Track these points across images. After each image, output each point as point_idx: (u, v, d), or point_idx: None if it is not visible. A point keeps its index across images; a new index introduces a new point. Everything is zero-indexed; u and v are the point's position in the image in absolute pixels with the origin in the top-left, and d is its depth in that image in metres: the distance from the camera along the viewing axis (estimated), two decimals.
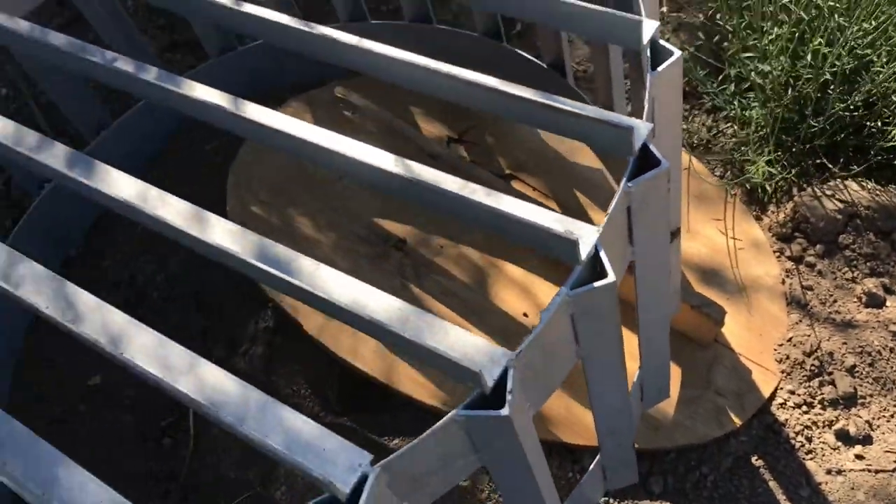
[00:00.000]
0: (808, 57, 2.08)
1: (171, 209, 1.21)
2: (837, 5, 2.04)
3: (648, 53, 1.24)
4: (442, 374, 1.35)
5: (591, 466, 1.57)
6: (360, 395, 1.94)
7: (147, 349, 1.05)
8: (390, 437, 1.85)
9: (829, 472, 1.77)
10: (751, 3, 2.16)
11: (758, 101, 2.20)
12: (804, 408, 1.85)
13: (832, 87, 2.10)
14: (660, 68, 1.20)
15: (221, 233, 1.17)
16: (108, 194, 1.25)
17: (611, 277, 1.01)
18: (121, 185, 1.26)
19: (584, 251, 1.02)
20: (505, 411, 0.96)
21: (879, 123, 2.15)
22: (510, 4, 1.47)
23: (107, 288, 2.25)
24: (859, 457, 1.78)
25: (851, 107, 2.11)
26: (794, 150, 2.17)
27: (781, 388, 1.86)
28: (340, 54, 1.40)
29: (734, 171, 2.24)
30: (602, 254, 1.03)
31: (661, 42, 1.26)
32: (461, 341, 0.99)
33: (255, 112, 1.33)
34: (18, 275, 1.16)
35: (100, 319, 1.10)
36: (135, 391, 2.04)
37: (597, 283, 1.01)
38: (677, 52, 1.23)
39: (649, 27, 1.25)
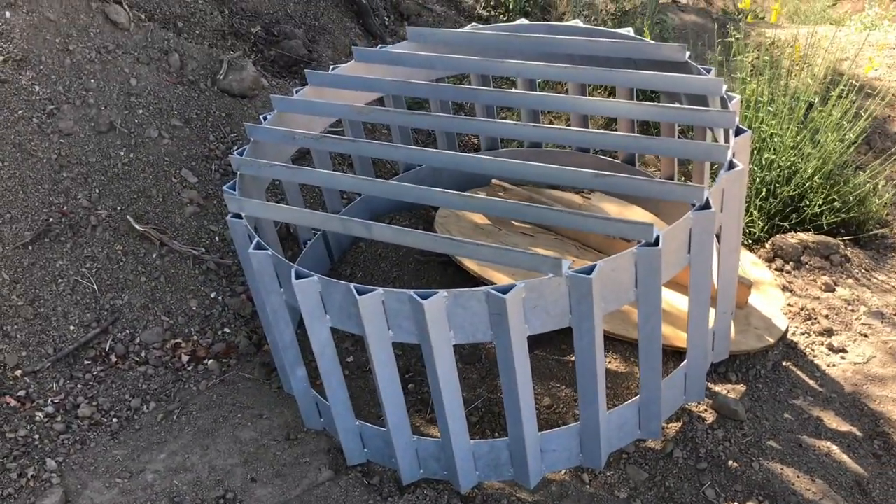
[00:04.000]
0: (763, 162, 3.62)
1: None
2: (775, 131, 3.62)
3: (727, 165, 2.56)
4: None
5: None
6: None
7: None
8: None
9: (828, 365, 3.00)
10: None
11: None
12: (805, 335, 3.11)
13: (779, 181, 3.61)
14: (732, 171, 2.47)
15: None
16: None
17: (714, 209, 2.31)
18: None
19: (704, 195, 2.32)
20: (659, 247, 2.18)
21: (808, 202, 3.64)
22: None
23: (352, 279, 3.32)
24: (842, 357, 3.03)
25: (790, 193, 3.61)
26: (765, 214, 3.63)
27: (790, 327, 3.13)
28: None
29: None
30: (709, 198, 2.33)
31: (735, 161, 2.57)
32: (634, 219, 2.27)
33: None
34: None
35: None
36: None
37: (707, 212, 2.30)
38: (741, 165, 2.55)
39: (730, 152, 2.50)
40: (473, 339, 2.22)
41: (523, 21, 3.44)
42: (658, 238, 2.19)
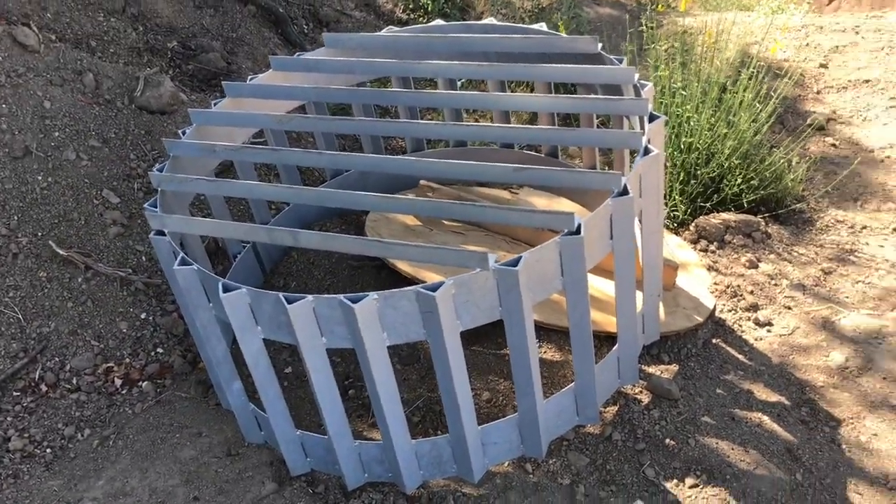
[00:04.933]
0: (682, 146, 3.71)
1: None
2: (691, 115, 3.72)
3: (642, 151, 2.62)
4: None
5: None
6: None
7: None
8: None
9: (755, 339, 3.10)
10: None
11: None
12: (732, 312, 3.20)
13: (698, 163, 3.71)
14: (647, 156, 2.56)
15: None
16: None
17: (632, 194, 2.36)
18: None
19: (621, 181, 2.38)
20: (581, 235, 2.23)
21: (728, 182, 3.75)
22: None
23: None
24: (768, 331, 3.14)
25: (710, 174, 3.72)
26: (687, 197, 3.73)
27: (717, 305, 3.22)
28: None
29: None
30: (627, 184, 2.39)
31: (650, 146, 2.65)
32: (556, 210, 2.32)
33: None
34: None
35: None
36: None
37: (626, 197, 2.37)
38: (656, 150, 2.62)
39: (645, 139, 2.62)
40: (407, 338, 2.23)
41: (439, 22, 3.47)
42: (579, 226, 2.23)
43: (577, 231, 2.23)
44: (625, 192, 2.35)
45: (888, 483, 2.51)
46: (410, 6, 5.72)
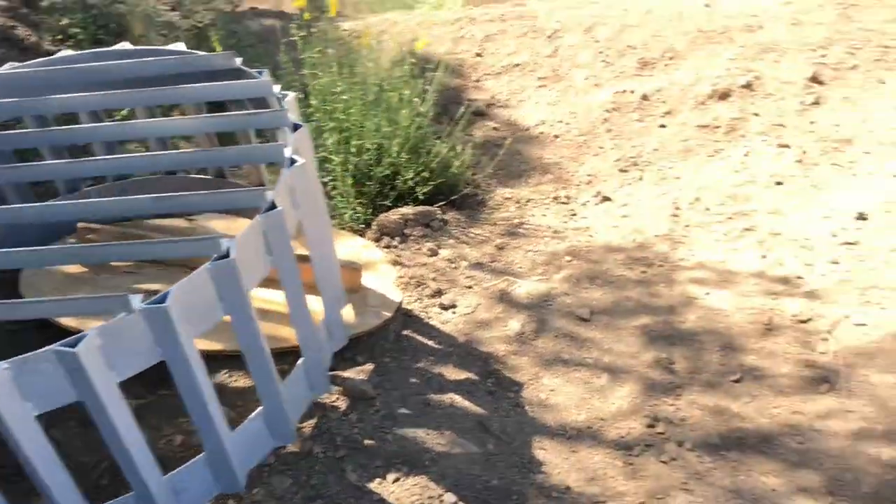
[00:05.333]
0: (352, 149, 3.78)
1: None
2: (356, 118, 3.79)
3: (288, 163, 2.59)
4: None
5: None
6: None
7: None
8: None
9: (442, 322, 3.23)
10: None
11: (335, 176, 3.81)
12: (418, 301, 3.32)
13: (370, 164, 3.80)
14: (294, 167, 2.54)
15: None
16: None
17: (281, 207, 2.35)
18: None
19: (268, 197, 2.35)
20: (232, 255, 2.19)
21: (401, 178, 3.88)
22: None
23: None
24: (453, 312, 3.28)
25: (383, 172, 3.82)
26: (367, 197, 3.80)
27: (404, 297, 3.31)
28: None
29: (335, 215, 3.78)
30: (276, 200, 2.37)
31: (295, 157, 2.63)
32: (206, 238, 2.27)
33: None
34: None
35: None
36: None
37: (275, 212, 2.34)
38: (303, 160, 2.61)
39: (288, 151, 2.60)
40: (61, 403, 2.03)
41: (66, 52, 3.22)
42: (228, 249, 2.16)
43: (228, 254, 2.16)
44: (273, 206, 2.32)
45: (567, 434, 2.73)
46: (59, 37, 5.28)
